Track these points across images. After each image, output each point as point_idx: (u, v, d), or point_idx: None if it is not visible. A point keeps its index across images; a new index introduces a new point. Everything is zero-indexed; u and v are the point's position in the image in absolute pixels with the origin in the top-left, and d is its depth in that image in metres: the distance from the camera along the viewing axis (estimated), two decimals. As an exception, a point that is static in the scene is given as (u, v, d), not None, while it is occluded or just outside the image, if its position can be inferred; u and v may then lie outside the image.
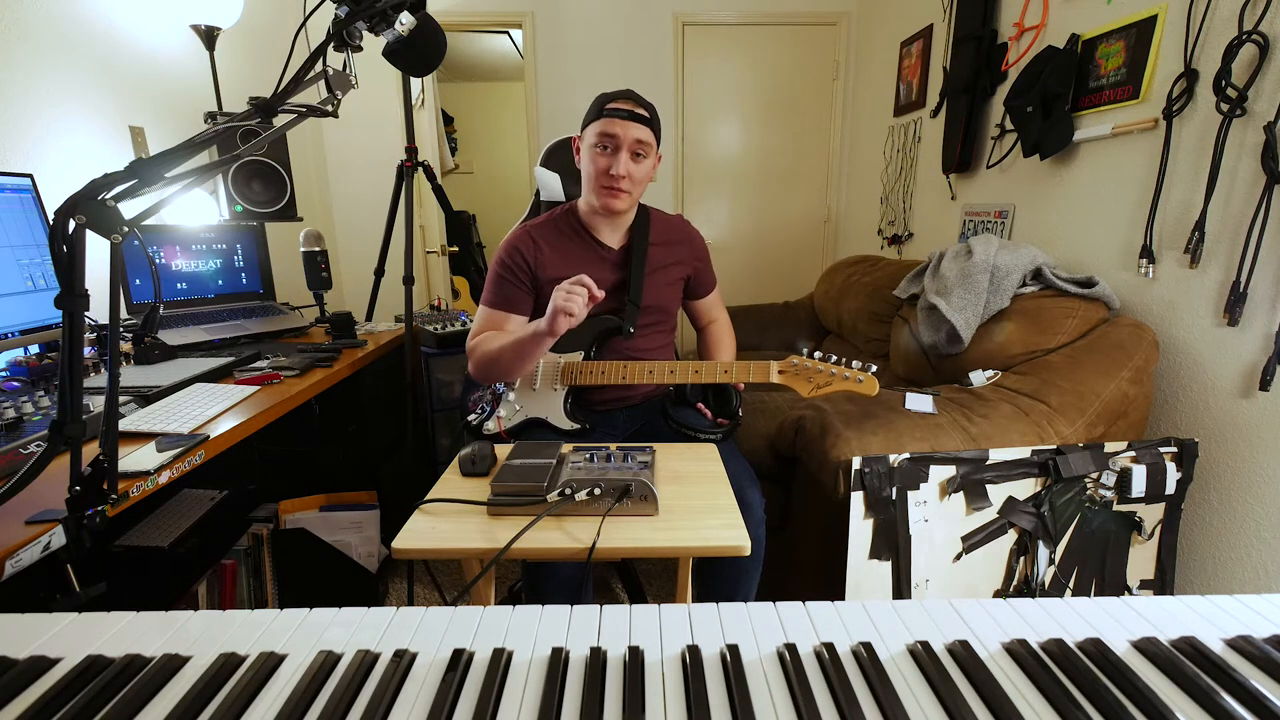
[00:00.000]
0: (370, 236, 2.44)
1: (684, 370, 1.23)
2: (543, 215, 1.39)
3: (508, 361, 1.20)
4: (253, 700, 0.44)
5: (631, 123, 1.23)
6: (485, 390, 1.38)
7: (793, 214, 3.43)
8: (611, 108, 1.24)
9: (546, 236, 1.33)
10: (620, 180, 1.24)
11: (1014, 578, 1.30)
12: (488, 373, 1.27)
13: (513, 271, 1.29)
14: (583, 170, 1.30)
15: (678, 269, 1.40)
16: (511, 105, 4.78)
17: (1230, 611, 0.52)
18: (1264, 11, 1.23)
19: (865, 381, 1.10)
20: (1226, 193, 1.32)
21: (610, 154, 1.24)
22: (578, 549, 0.83)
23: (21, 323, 1.21)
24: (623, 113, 1.23)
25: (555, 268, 1.29)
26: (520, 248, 1.30)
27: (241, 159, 1.17)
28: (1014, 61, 1.98)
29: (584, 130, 1.29)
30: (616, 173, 1.23)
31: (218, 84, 2.04)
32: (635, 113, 1.23)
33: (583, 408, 1.34)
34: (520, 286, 1.30)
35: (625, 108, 1.23)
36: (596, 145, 1.24)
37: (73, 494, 0.71)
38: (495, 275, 1.31)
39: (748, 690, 0.44)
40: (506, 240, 1.33)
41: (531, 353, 1.17)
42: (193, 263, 1.78)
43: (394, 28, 0.85)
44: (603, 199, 1.26)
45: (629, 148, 1.23)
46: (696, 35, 3.15)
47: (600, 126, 1.23)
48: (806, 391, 1.14)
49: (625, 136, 1.22)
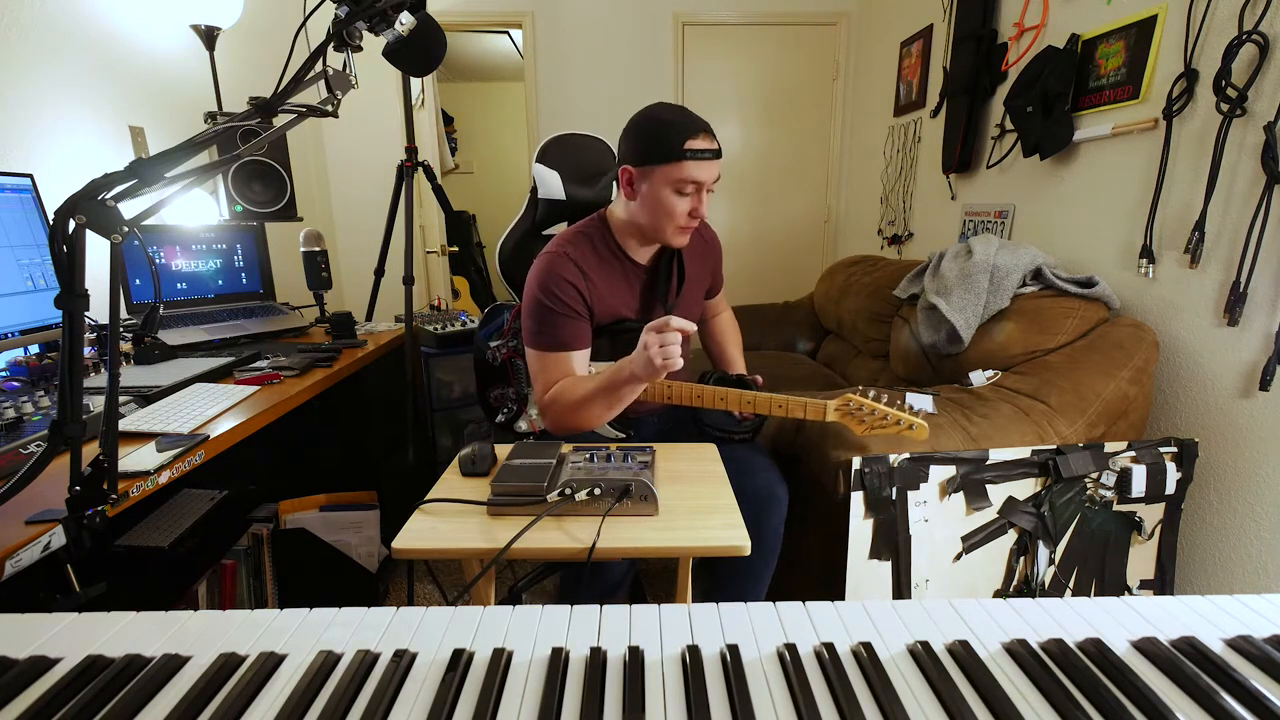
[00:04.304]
0: (370, 236, 2.44)
1: (736, 399, 1.17)
2: (570, 234, 1.27)
3: (598, 411, 1.12)
4: (253, 700, 0.44)
5: (714, 162, 1.15)
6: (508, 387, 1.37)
7: (793, 214, 3.43)
8: (694, 149, 1.12)
9: (587, 261, 1.22)
10: (699, 220, 1.18)
11: (1014, 578, 1.30)
12: (571, 423, 1.15)
13: (569, 306, 1.18)
14: (648, 206, 1.18)
15: (703, 279, 1.39)
16: (511, 105, 4.78)
17: (1230, 611, 0.52)
18: (1264, 11, 1.23)
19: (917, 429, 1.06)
20: (1226, 193, 1.32)
21: (694, 195, 1.16)
22: (578, 549, 0.83)
23: (21, 323, 1.21)
24: (706, 154, 1.13)
25: (604, 293, 1.23)
26: (569, 278, 1.18)
27: (241, 159, 1.17)
28: (1014, 61, 1.98)
29: (648, 166, 1.15)
30: (700, 215, 1.17)
31: (218, 84, 2.04)
32: (715, 150, 1.14)
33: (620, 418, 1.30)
34: (580, 319, 1.20)
35: (706, 147, 1.13)
36: (675, 189, 1.14)
37: (73, 494, 0.71)
38: (549, 315, 1.17)
39: (748, 690, 0.44)
40: (546, 271, 1.19)
41: (625, 400, 1.10)
42: (193, 263, 1.78)
43: (394, 28, 0.85)
44: (677, 238, 1.21)
45: (709, 187, 1.16)
46: (696, 35, 3.15)
47: (685, 172, 1.12)
48: (861, 432, 1.11)
49: (709, 178, 1.15)
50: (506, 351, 1.43)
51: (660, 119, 1.14)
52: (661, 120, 1.14)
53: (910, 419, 1.07)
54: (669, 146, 1.11)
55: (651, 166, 1.14)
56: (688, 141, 1.11)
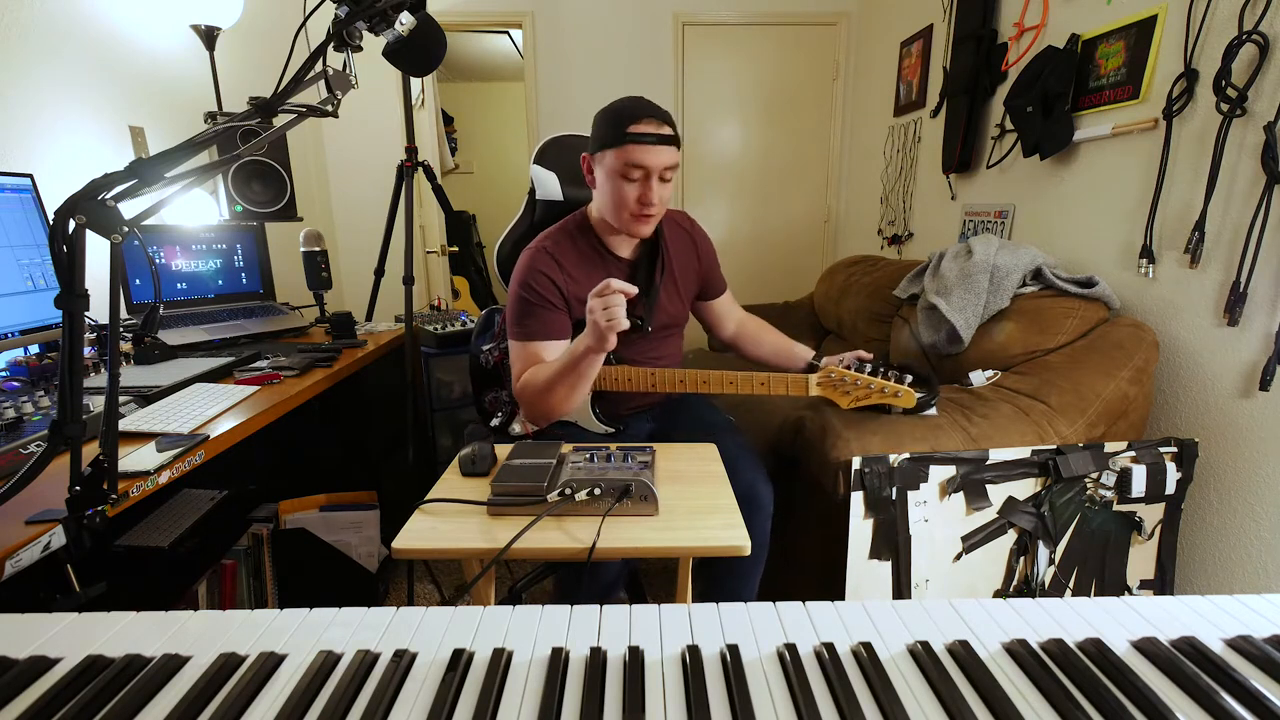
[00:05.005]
0: (370, 236, 2.44)
1: (719, 380, 1.18)
2: (551, 230, 1.29)
3: (563, 392, 1.11)
4: (253, 700, 0.44)
5: (662, 147, 1.11)
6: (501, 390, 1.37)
7: (793, 214, 3.43)
8: (636, 133, 1.10)
9: (566, 255, 1.24)
10: (652, 208, 1.15)
11: (1014, 578, 1.30)
12: (543, 409, 1.16)
13: (544, 297, 1.20)
14: (603, 195, 1.19)
15: (689, 276, 1.37)
16: (511, 105, 4.78)
17: (1230, 611, 0.52)
18: (1264, 11, 1.23)
19: (903, 395, 1.08)
20: (1226, 193, 1.32)
21: (640, 182, 1.14)
22: (578, 549, 0.83)
23: (21, 323, 1.21)
24: (650, 138, 1.10)
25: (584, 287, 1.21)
26: (545, 271, 1.21)
27: (241, 159, 1.17)
28: (1014, 61, 1.98)
29: (599, 152, 1.16)
30: (650, 202, 1.14)
31: (218, 84, 2.04)
32: (662, 135, 1.11)
33: (610, 413, 1.32)
34: (556, 310, 1.21)
35: (651, 131, 1.10)
36: (622, 174, 1.13)
37: (73, 494, 0.71)
38: (525, 306, 1.20)
39: (748, 690, 0.44)
40: (525, 266, 1.22)
41: (586, 374, 1.09)
42: (193, 263, 1.78)
43: (394, 28, 0.85)
44: (632, 227, 1.18)
45: (658, 174, 1.13)
46: (696, 35, 3.15)
47: (627, 156, 1.11)
48: (846, 404, 1.11)
49: (656, 164, 1.12)
50: (499, 354, 1.43)
51: (614, 107, 1.16)
52: (614, 108, 1.15)
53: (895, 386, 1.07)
54: (615, 131, 1.12)
55: (602, 152, 1.15)
56: (631, 125, 1.11)
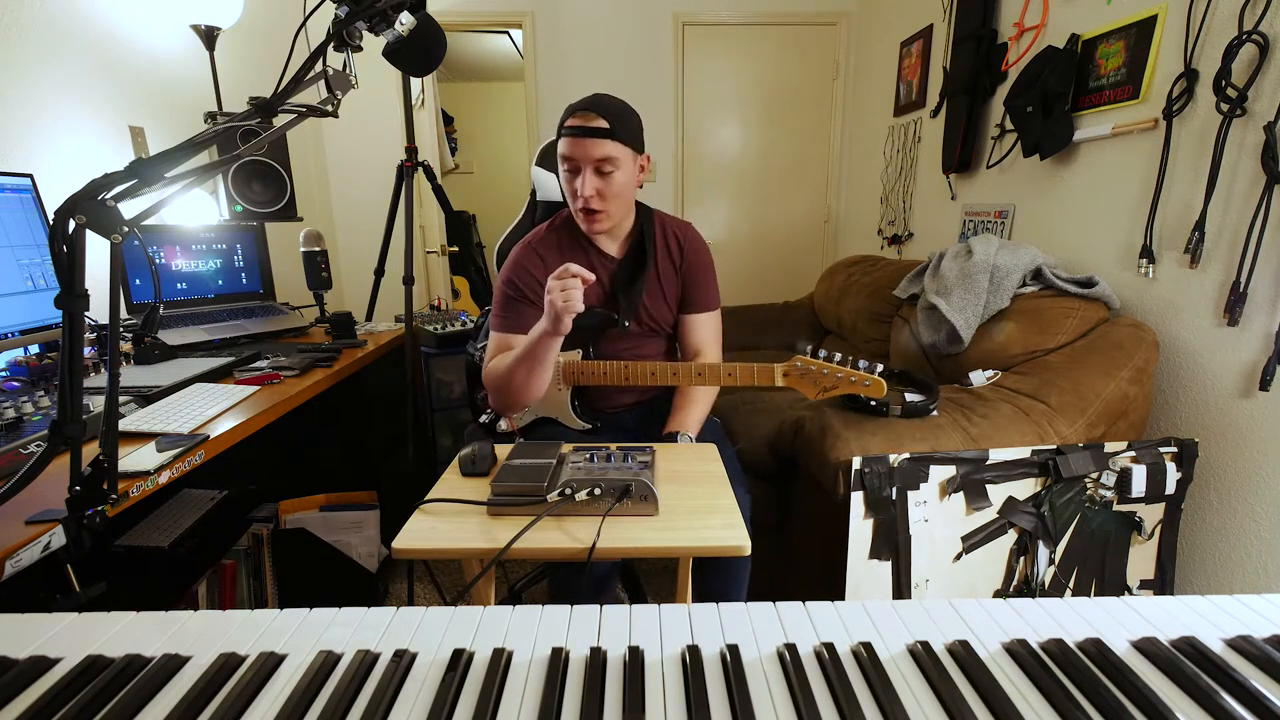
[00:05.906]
0: (370, 236, 2.44)
1: (687, 372, 1.21)
2: (541, 227, 1.33)
3: (522, 376, 1.14)
4: (253, 700, 0.44)
5: (588, 140, 1.12)
6: None
7: (793, 214, 3.43)
8: (568, 125, 1.13)
9: (549, 250, 1.27)
10: (590, 200, 1.16)
11: (1014, 578, 1.30)
12: (506, 394, 1.18)
13: (522, 291, 1.24)
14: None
15: (672, 284, 1.34)
16: (511, 105, 4.78)
17: (1230, 611, 0.52)
18: (1264, 11, 1.23)
19: (872, 384, 1.08)
20: (1226, 193, 1.32)
21: (574, 174, 1.15)
22: (578, 549, 0.83)
23: (21, 323, 1.21)
24: (577, 130, 1.13)
25: None
26: (527, 265, 1.25)
27: (241, 159, 1.17)
28: (1014, 61, 1.98)
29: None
30: (583, 193, 1.15)
31: (218, 84, 2.04)
32: (590, 127, 1.12)
33: (589, 410, 1.33)
34: (534, 304, 1.23)
35: (579, 124, 1.13)
36: (562, 166, 1.16)
37: (73, 494, 0.71)
38: (505, 298, 1.25)
39: (748, 690, 0.44)
40: (512, 261, 1.27)
41: (543, 358, 1.11)
42: (193, 263, 1.78)
43: (394, 28, 0.85)
44: (585, 223, 1.21)
45: (591, 166, 1.14)
46: (696, 35, 3.15)
47: (561, 148, 1.15)
48: (814, 395, 1.11)
49: (584, 156, 1.13)
50: None
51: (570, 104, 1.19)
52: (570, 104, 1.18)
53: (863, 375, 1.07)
54: (559, 126, 1.17)
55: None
56: (568, 119, 1.15)
